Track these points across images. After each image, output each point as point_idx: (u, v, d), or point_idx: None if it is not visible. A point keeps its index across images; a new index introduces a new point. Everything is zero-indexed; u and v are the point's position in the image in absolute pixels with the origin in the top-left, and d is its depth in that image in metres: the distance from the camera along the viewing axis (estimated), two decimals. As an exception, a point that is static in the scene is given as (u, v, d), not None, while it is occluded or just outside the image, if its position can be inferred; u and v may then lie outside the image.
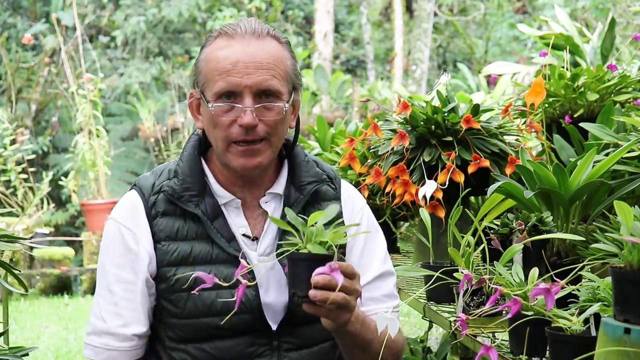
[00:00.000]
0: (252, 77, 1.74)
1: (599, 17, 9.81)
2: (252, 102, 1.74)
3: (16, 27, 11.50)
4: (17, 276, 1.97)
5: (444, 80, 2.53)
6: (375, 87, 10.84)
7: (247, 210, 1.87)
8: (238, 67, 1.74)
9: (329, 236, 1.55)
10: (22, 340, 5.45)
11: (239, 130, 1.75)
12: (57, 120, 10.36)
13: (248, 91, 1.74)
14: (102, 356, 1.81)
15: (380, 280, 1.91)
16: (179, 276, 1.78)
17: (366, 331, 1.76)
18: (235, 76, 1.74)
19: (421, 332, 3.93)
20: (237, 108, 1.74)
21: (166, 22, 12.46)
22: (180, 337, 1.82)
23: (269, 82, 1.75)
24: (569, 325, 1.49)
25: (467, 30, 14.86)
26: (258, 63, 1.74)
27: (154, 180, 1.86)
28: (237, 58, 1.74)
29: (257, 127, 1.75)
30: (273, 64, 1.76)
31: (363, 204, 1.99)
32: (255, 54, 1.75)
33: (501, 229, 2.04)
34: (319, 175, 1.90)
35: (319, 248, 1.54)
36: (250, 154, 1.77)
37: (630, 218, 1.37)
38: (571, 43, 3.72)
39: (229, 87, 1.74)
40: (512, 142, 2.42)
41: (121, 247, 1.82)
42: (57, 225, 9.25)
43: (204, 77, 1.79)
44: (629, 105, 2.47)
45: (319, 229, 1.55)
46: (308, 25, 13.57)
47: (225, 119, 1.75)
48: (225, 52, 1.76)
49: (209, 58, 1.79)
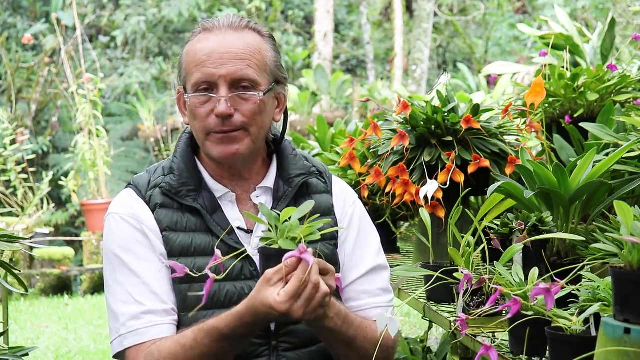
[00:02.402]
0: (226, 67, 1.77)
1: (599, 17, 9.82)
2: (227, 91, 1.77)
3: (16, 27, 11.50)
4: (17, 276, 1.97)
5: (444, 80, 2.53)
6: (375, 87, 10.84)
7: (240, 204, 1.89)
8: (213, 57, 1.78)
9: (301, 231, 1.55)
10: (22, 340, 5.46)
11: (216, 120, 1.78)
12: (57, 120, 10.37)
13: (223, 81, 1.77)
14: (149, 334, 1.77)
15: (374, 273, 1.92)
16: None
17: (348, 327, 1.76)
18: (209, 67, 1.77)
19: (421, 332, 3.93)
20: (213, 98, 1.78)
21: (166, 22, 12.46)
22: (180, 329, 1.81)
23: (244, 72, 1.78)
24: (569, 325, 1.49)
25: (467, 30, 14.85)
26: (233, 53, 1.78)
27: (148, 177, 1.89)
28: (212, 49, 1.78)
29: (233, 116, 1.78)
30: (249, 54, 1.79)
31: (355, 197, 2.00)
32: (230, 45, 1.79)
33: (501, 229, 2.04)
34: (307, 167, 1.92)
35: (289, 244, 1.55)
36: (227, 141, 1.79)
37: (630, 218, 1.37)
38: (571, 43, 3.72)
39: (204, 78, 1.78)
40: (512, 142, 2.42)
41: (129, 234, 1.82)
42: (57, 225, 9.26)
43: (184, 71, 1.83)
44: (629, 105, 2.47)
45: (292, 224, 1.56)
46: (308, 25, 13.57)
47: (202, 109, 1.79)
48: (202, 45, 1.80)
49: (188, 52, 1.83)
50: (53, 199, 8.91)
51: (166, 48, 12.98)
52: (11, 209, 2.47)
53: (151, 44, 12.73)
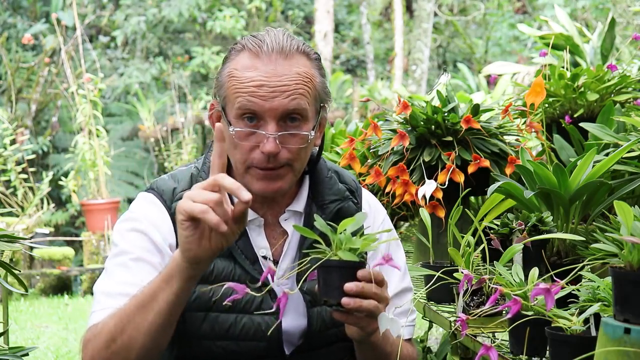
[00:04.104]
0: (278, 100, 1.64)
1: (599, 17, 9.82)
2: (276, 128, 1.65)
3: (16, 27, 11.50)
4: (17, 276, 1.98)
5: (444, 80, 2.53)
6: (375, 87, 10.85)
7: (267, 228, 1.79)
8: (262, 90, 1.64)
9: (360, 243, 1.52)
10: (22, 340, 5.46)
11: (261, 156, 1.66)
12: (57, 120, 10.37)
13: (272, 115, 1.64)
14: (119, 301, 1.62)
15: (398, 297, 1.87)
16: (203, 290, 1.69)
17: (386, 343, 1.73)
18: (259, 99, 1.64)
19: (421, 332, 3.92)
20: (260, 134, 1.65)
21: (166, 22, 12.46)
22: (189, 358, 1.75)
23: (296, 102, 1.65)
24: (569, 325, 1.49)
25: (467, 30, 14.86)
26: (285, 86, 1.64)
27: (174, 185, 1.77)
28: (261, 81, 1.64)
29: (279, 154, 1.66)
30: (301, 85, 1.66)
31: (384, 215, 1.95)
32: (281, 76, 1.65)
33: (501, 229, 2.04)
34: (341, 192, 1.84)
35: (350, 255, 1.50)
36: (270, 178, 1.69)
37: (630, 218, 1.37)
38: (571, 43, 3.72)
39: (251, 109, 1.64)
40: (512, 142, 2.42)
41: (143, 246, 1.70)
42: (57, 225, 9.27)
43: (226, 93, 1.69)
44: (629, 105, 2.47)
45: (347, 236, 1.52)
46: (308, 25, 13.57)
47: (246, 143, 1.67)
48: (250, 74, 1.65)
49: (232, 74, 1.68)
50: (53, 199, 8.92)
51: (166, 48, 12.98)
52: (11, 209, 2.47)
53: (151, 44, 12.73)
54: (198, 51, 12.11)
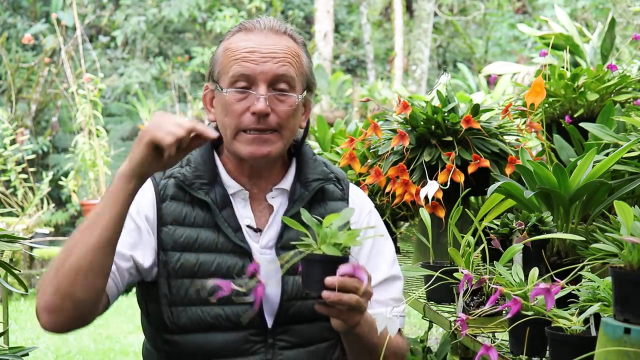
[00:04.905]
0: (268, 65, 1.77)
1: (599, 17, 9.82)
2: (266, 90, 1.77)
3: (16, 27, 11.51)
4: (17, 276, 1.98)
5: (444, 80, 2.53)
6: (375, 87, 10.85)
7: (254, 202, 1.88)
8: (254, 55, 1.78)
9: (343, 238, 1.55)
10: (22, 340, 5.45)
11: (251, 118, 1.77)
12: (57, 120, 10.37)
13: (263, 78, 1.77)
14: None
15: (387, 284, 1.90)
16: (184, 262, 1.77)
17: (374, 334, 1.75)
18: (251, 62, 1.77)
19: (421, 332, 3.93)
20: (251, 96, 1.77)
21: (166, 22, 12.47)
22: (175, 326, 1.80)
23: (285, 69, 1.78)
24: (569, 325, 1.49)
25: (467, 30, 14.86)
26: (274, 53, 1.79)
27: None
28: (253, 47, 1.79)
29: (269, 116, 1.77)
30: (290, 57, 1.80)
31: (371, 207, 1.99)
32: (272, 45, 1.80)
33: (501, 229, 2.04)
34: (325, 173, 1.92)
35: (333, 249, 1.54)
36: (259, 142, 1.79)
37: (630, 218, 1.37)
38: (571, 43, 3.72)
39: (244, 72, 1.77)
40: (512, 142, 2.42)
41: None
42: (57, 225, 9.26)
43: (220, 66, 1.82)
44: (629, 105, 2.47)
45: (333, 230, 1.55)
46: (308, 25, 13.58)
47: (237, 106, 1.78)
48: (243, 42, 1.80)
49: (226, 48, 1.83)
50: (53, 199, 8.92)
51: (166, 48, 12.98)
52: (11, 209, 2.47)
53: (151, 44, 12.74)
54: (198, 51, 12.12)
